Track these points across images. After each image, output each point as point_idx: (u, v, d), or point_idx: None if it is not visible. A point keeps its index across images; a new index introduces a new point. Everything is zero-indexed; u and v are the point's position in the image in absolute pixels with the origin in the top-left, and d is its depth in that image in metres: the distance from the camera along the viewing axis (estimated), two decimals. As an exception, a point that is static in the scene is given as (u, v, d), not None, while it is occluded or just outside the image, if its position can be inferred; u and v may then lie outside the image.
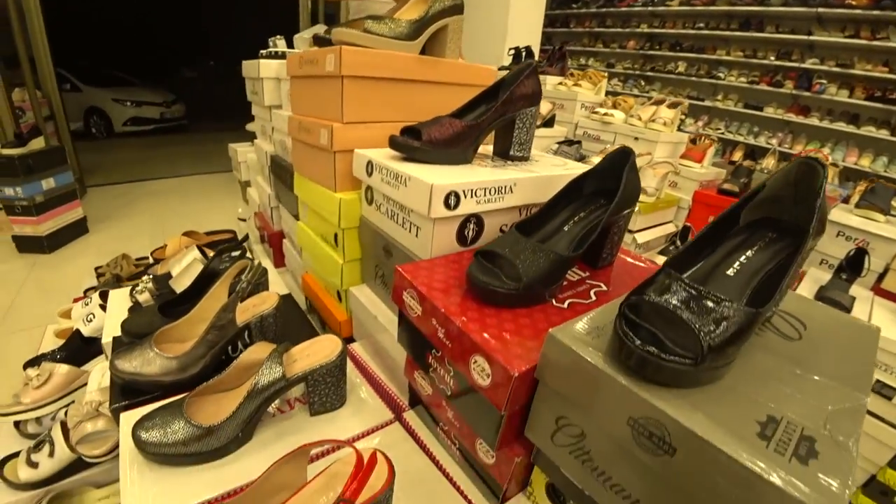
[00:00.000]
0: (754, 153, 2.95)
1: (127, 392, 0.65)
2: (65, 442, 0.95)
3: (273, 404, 0.61)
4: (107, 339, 0.82)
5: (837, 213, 1.40)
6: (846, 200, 1.58)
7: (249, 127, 2.18)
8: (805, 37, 3.34)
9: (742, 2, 3.58)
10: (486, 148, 0.73)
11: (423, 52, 0.73)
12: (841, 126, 3.23)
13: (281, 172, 0.97)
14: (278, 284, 1.00)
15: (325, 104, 0.68)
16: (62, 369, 1.06)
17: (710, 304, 0.31)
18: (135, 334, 0.73)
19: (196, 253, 0.92)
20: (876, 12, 3.02)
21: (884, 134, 3.08)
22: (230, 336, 0.65)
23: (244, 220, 1.82)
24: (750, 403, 0.31)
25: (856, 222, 1.36)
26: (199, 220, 2.69)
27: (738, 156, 2.12)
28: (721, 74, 3.81)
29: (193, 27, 9.87)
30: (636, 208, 1.33)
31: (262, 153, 1.12)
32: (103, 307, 1.27)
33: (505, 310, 0.44)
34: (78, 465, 0.96)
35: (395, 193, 0.56)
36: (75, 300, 1.56)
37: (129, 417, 0.58)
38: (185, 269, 0.89)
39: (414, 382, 0.56)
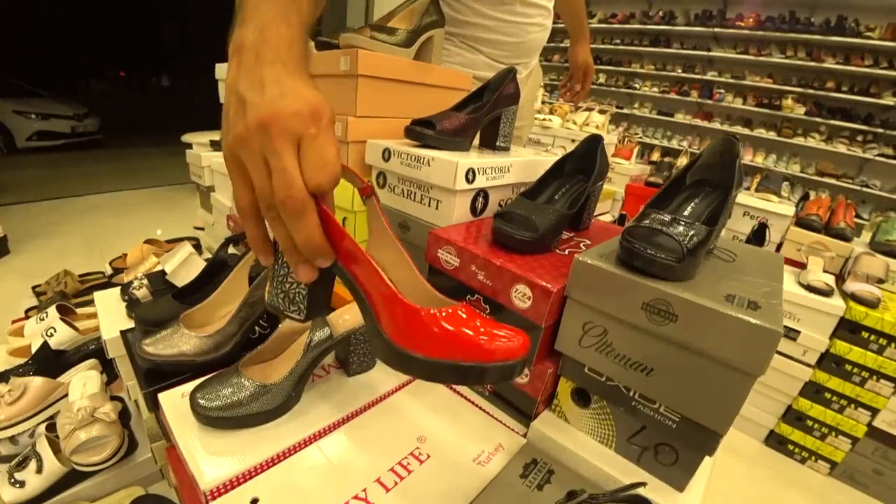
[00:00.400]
0: (669, 153, 3.36)
1: (153, 377, 0.66)
2: (54, 455, 0.93)
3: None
4: (110, 335, 0.83)
5: (742, 197, 1.69)
6: (746, 188, 1.90)
7: (187, 138, 2.13)
8: (705, 52, 3.88)
9: (652, 21, 4.07)
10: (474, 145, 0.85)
11: (415, 58, 0.84)
12: (738, 129, 3.79)
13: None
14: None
15: (336, 100, 0.77)
16: (37, 382, 1.02)
17: (682, 224, 0.46)
18: (152, 322, 0.75)
19: (189, 247, 0.95)
20: (760, 32, 3.60)
21: (772, 135, 3.66)
22: (258, 314, 0.71)
23: (201, 228, 1.79)
24: (715, 288, 0.45)
25: (756, 203, 1.66)
26: (142, 234, 2.55)
27: (656, 156, 2.43)
28: (637, 85, 4.29)
29: (101, 35, 9.07)
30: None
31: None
32: (64, 320, 1.22)
33: (523, 256, 0.56)
34: (69, 478, 0.93)
35: (416, 174, 0.67)
36: (14, 321, 1.46)
37: (169, 398, 0.60)
38: (182, 263, 0.91)
39: (443, 332, 0.66)
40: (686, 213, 0.55)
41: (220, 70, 1.16)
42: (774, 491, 1.33)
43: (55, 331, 1.18)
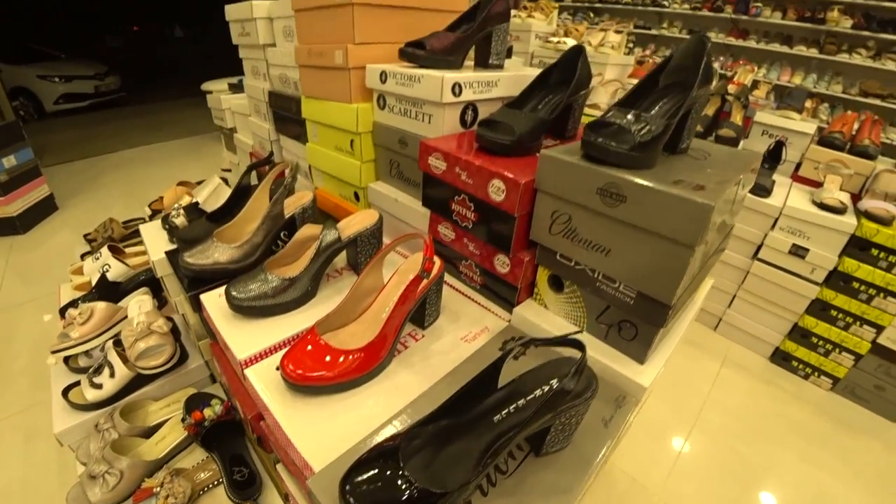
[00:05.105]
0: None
1: (195, 283, 0.79)
2: (123, 363, 1.09)
3: (326, 270, 0.77)
4: (157, 257, 0.95)
5: (760, 115, 1.64)
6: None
7: (206, 86, 2.18)
8: (742, -38, 3.53)
9: (678, -68, 3.71)
10: (468, 64, 0.88)
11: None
12: (776, 47, 3.51)
13: (283, 103, 1.09)
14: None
15: (336, 30, 0.81)
16: (101, 305, 1.17)
17: (638, 119, 0.50)
18: (191, 241, 0.86)
19: (218, 179, 1.04)
20: None
21: (813, 52, 3.38)
22: (280, 225, 0.80)
23: (229, 170, 1.89)
24: (670, 176, 0.50)
25: (776, 121, 1.61)
26: (175, 180, 2.69)
27: None
28: (665, 2, 3.99)
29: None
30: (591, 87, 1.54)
31: (256, 92, 1.22)
32: (117, 258, 1.37)
33: (505, 157, 0.62)
34: (137, 381, 1.10)
35: (409, 91, 0.72)
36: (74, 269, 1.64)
37: (209, 297, 0.73)
38: (212, 192, 1.01)
39: (437, 235, 0.74)
40: (652, 111, 0.58)
41: (231, 11, 1.20)
42: (777, 403, 1.40)
43: (109, 267, 1.33)
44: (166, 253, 0.93)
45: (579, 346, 0.43)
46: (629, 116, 0.51)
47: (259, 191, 0.84)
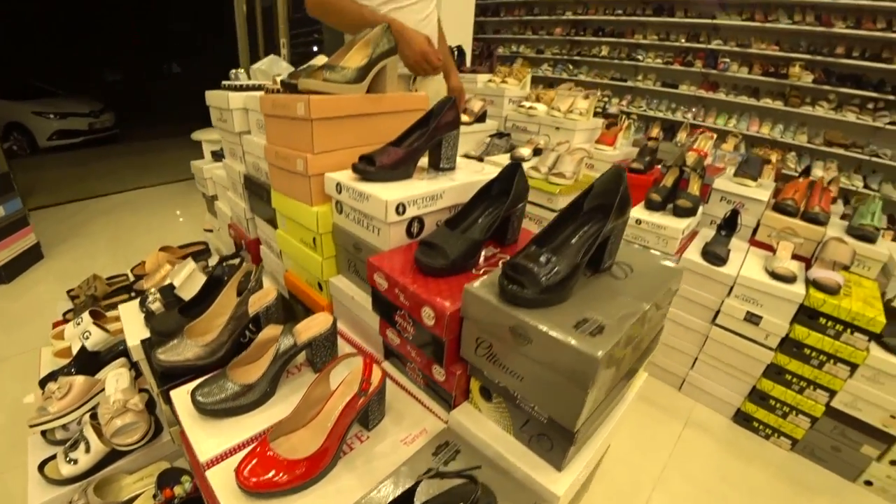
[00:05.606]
0: (674, 127, 3.34)
1: (166, 377, 0.84)
2: (98, 438, 1.12)
3: (287, 367, 0.83)
4: (133, 343, 1.00)
5: (720, 182, 1.74)
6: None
7: (196, 136, 2.27)
8: (709, 20, 3.78)
9: (655, -12, 3.97)
10: (423, 163, 0.96)
11: (369, 89, 0.94)
12: (744, 99, 3.71)
13: (256, 189, 1.16)
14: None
15: (297, 138, 0.89)
16: (80, 380, 1.21)
17: (548, 260, 0.57)
18: (163, 333, 0.92)
19: (193, 264, 1.11)
20: None
21: (778, 105, 3.57)
22: (244, 324, 0.86)
23: (211, 230, 1.96)
24: (576, 312, 0.56)
25: (732, 188, 1.70)
26: (160, 234, 2.76)
27: (655, 132, 2.43)
28: (640, 57, 4.21)
29: (112, 23, 9.21)
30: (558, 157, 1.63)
31: (233, 172, 1.29)
32: (97, 325, 1.41)
33: (442, 279, 0.68)
34: (111, 456, 1.13)
35: (360, 206, 0.79)
36: (55, 324, 1.68)
37: (179, 393, 0.79)
38: (186, 279, 1.07)
39: (386, 338, 0.80)
40: (567, 246, 0.65)
41: (210, 98, 1.29)
42: (738, 464, 1.44)
43: (90, 334, 1.37)
44: (142, 341, 0.98)
45: (473, 481, 0.49)
46: (541, 258, 0.57)
47: (227, 288, 0.90)
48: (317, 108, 0.83)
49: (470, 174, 0.91)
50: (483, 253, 0.77)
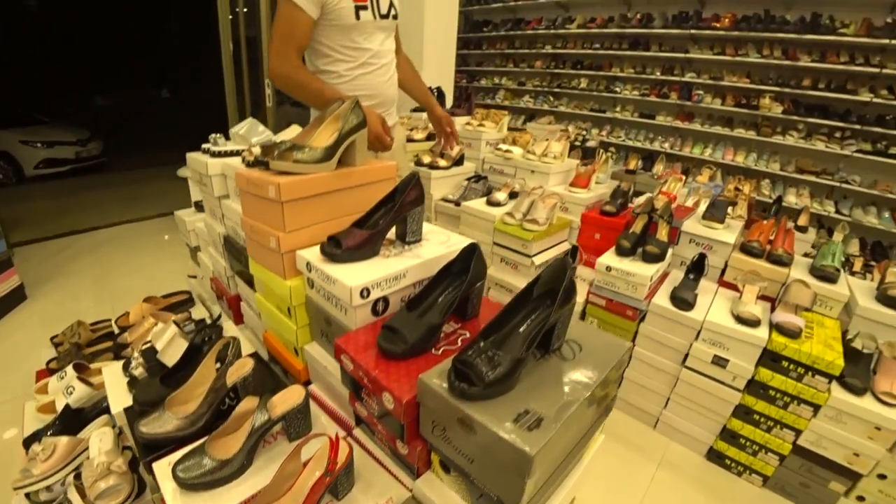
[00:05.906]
0: (652, 156, 3.43)
1: (149, 448, 0.88)
2: (81, 500, 1.14)
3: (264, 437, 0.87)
4: (116, 410, 1.03)
5: (688, 224, 1.82)
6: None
7: (182, 173, 2.32)
8: (683, 54, 3.94)
9: (630, 24, 4.14)
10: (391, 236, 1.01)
11: (340, 160, 1.00)
12: (718, 129, 3.85)
13: (235, 252, 1.21)
14: (243, 341, 1.23)
15: (270, 217, 0.94)
16: (63, 441, 1.24)
17: (492, 355, 0.63)
18: (145, 403, 0.96)
19: (174, 328, 1.15)
20: (736, 32, 3.66)
21: (751, 134, 3.72)
22: (223, 395, 0.90)
23: (195, 277, 1.99)
24: (519, 403, 0.62)
25: (700, 231, 1.78)
26: (145, 277, 2.74)
27: (633, 164, 2.52)
28: (618, 89, 4.36)
29: (102, 47, 9.29)
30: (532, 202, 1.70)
31: (214, 231, 1.34)
32: (81, 379, 1.44)
33: (402, 361, 0.74)
34: (95, 520, 1.14)
35: (327, 287, 0.85)
36: (39, 373, 1.69)
37: (160, 466, 0.82)
38: (168, 343, 1.11)
39: (355, 408, 0.84)
40: (521, 329, 0.71)
41: (191, 161, 1.34)
42: (712, 502, 1.48)
43: (73, 389, 1.39)
44: (125, 409, 1.01)
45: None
46: (487, 353, 0.63)
47: (207, 359, 0.95)
48: (287, 190, 0.88)
49: (435, 247, 0.97)
50: (444, 329, 0.83)
